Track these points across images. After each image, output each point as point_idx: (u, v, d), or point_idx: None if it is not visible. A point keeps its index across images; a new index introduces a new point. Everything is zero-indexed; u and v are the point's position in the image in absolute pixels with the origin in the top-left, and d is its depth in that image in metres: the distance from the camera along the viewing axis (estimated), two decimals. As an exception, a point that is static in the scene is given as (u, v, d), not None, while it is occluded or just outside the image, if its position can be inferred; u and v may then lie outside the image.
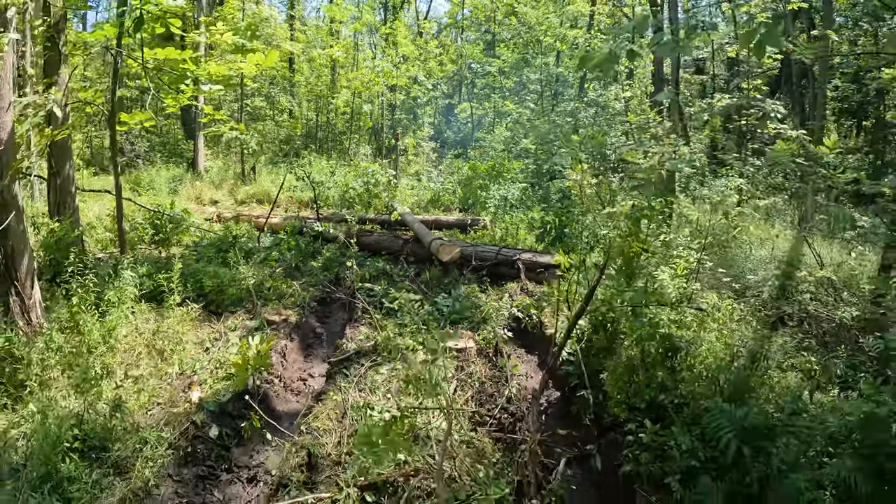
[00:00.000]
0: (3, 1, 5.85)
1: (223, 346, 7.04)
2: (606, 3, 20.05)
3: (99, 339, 6.46)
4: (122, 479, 4.71)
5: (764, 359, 6.06)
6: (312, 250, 11.17)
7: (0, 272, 6.62)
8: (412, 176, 20.01)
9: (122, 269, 7.91)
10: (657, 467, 4.59)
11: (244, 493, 5.04)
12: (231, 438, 5.54)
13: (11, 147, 6.51)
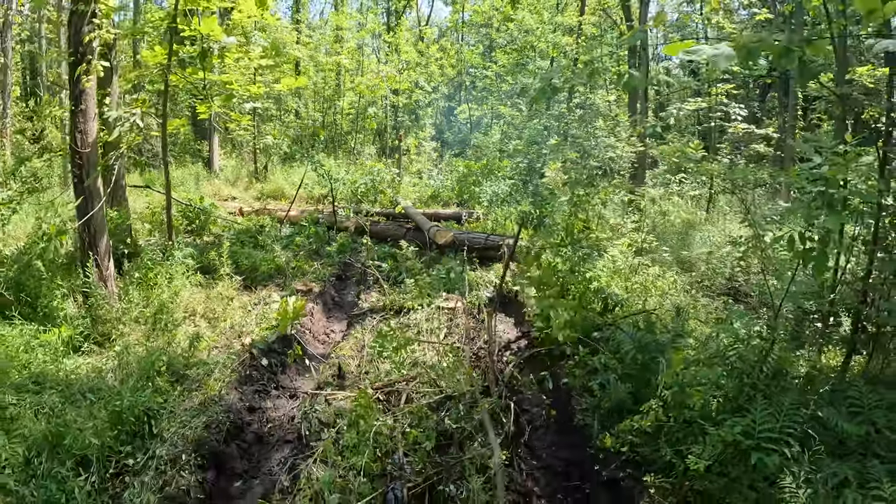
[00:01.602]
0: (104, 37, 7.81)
1: (262, 309, 9.04)
2: (594, 13, 21.95)
3: (166, 299, 8.42)
4: (199, 392, 6.66)
5: (686, 313, 8.00)
6: (328, 237, 13.20)
7: (84, 248, 8.56)
8: (414, 174, 22.05)
9: (174, 250, 9.89)
10: (586, 379, 6.56)
11: (288, 403, 7.03)
12: (277, 367, 7.55)
13: (95, 149, 8.46)
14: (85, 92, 7.93)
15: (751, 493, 4.47)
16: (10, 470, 4.72)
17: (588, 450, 5.84)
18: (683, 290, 9.32)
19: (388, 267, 11.07)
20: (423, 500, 4.99)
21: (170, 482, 5.13)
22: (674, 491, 4.92)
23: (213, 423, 6.01)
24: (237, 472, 5.76)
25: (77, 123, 8.00)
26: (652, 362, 6.03)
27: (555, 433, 6.35)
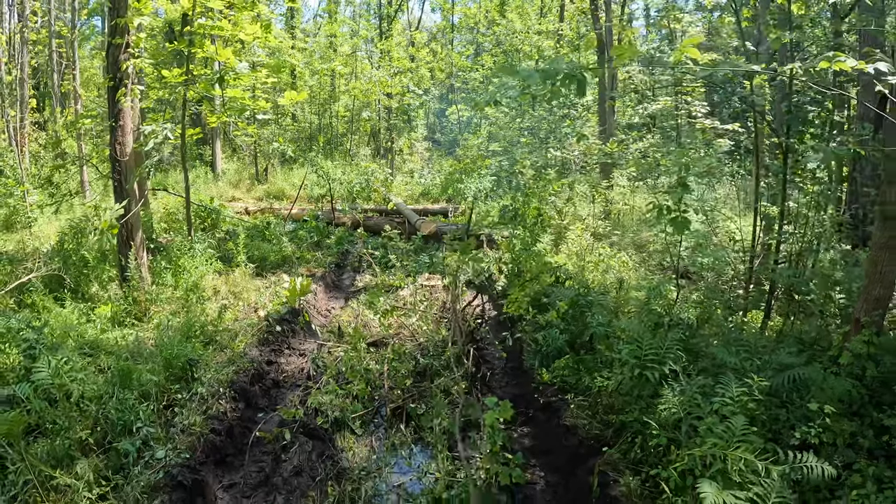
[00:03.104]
0: (138, 65, 9.69)
1: (273, 289, 10.93)
2: (574, 19, 23.86)
3: (193, 282, 10.29)
4: (227, 350, 8.52)
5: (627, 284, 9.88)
6: (327, 231, 15.12)
7: (123, 240, 10.41)
8: (406, 173, 23.98)
9: (195, 243, 11.76)
10: (534, 334, 8.44)
11: (298, 360, 8.90)
12: (288, 333, 9.44)
13: (132, 158, 10.32)
14: (122, 110, 9.80)
15: (640, 402, 6.32)
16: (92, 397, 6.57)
17: (532, 385, 7.73)
18: (633, 268, 11.21)
19: (380, 254, 12.99)
20: (401, 415, 6.87)
21: (210, 408, 6.98)
22: (589, 406, 6.81)
23: (240, 370, 7.87)
24: (260, 406, 7.63)
25: (116, 136, 9.86)
26: (582, 316, 7.90)
27: (508, 375, 8.26)
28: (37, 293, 9.42)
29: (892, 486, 4.70)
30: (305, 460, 6.19)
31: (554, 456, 6.68)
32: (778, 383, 5.80)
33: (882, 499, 4.61)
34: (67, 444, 5.84)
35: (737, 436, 4.81)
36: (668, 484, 5.10)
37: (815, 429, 5.10)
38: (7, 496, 5.32)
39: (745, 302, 9.24)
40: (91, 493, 5.42)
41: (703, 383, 5.76)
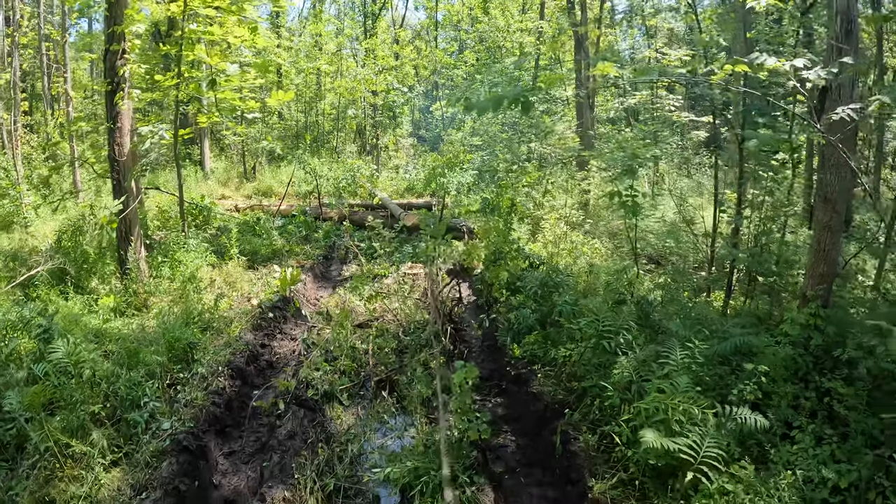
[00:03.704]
0: (134, 70, 10.34)
1: (265, 279, 11.61)
2: (554, 16, 24.60)
3: (189, 274, 10.95)
4: (224, 335, 9.20)
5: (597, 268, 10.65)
6: (315, 226, 15.81)
7: (122, 236, 11.05)
8: (391, 169, 24.67)
9: (188, 238, 12.41)
10: (508, 314, 9.18)
11: (290, 343, 9.59)
12: (280, 319, 10.13)
13: (131, 157, 10.96)
14: (120, 112, 10.44)
15: (599, 369, 7.07)
16: (102, 376, 7.24)
17: (505, 360, 8.48)
18: (605, 255, 11.97)
19: (366, 246, 13.71)
20: (385, 387, 7.59)
21: (210, 385, 7.67)
22: (554, 375, 7.56)
23: (236, 352, 8.56)
24: (256, 384, 8.32)
25: (115, 137, 10.51)
26: (550, 296, 8.65)
27: (484, 352, 9.02)
28: (42, 287, 10.07)
29: (830, 442, 5.39)
30: (298, 426, 6.91)
31: (523, 421, 7.43)
32: (722, 349, 6.54)
33: (819, 451, 5.32)
34: (82, 416, 6.50)
35: (679, 392, 5.56)
36: (621, 438, 5.85)
37: (751, 386, 5.85)
38: (29, 462, 5.98)
39: (707, 283, 10.02)
40: (105, 459, 6.09)
41: (652, 350, 6.51)
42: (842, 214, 7.46)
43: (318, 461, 6.19)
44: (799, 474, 5.07)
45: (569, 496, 6.02)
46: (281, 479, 6.02)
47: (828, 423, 5.71)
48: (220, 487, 6.47)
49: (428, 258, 10.14)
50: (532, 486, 6.41)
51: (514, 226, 10.60)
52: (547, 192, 13.90)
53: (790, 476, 5.03)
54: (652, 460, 5.30)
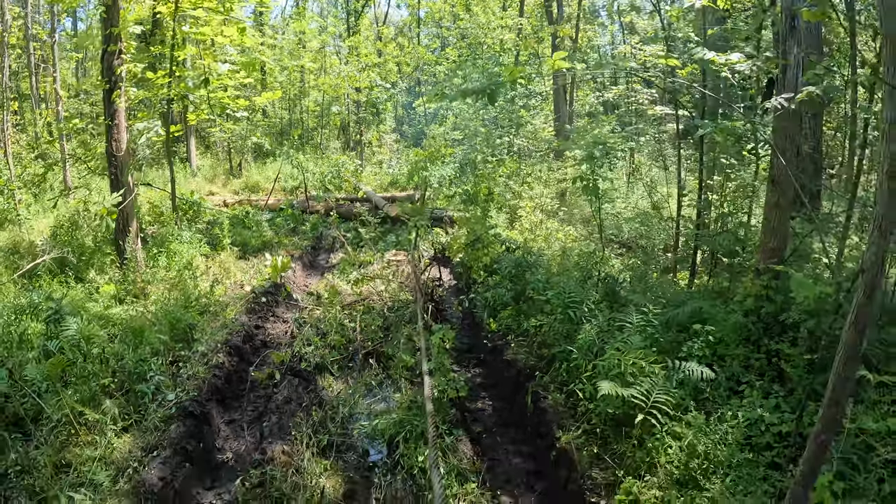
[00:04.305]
0: (131, 69, 10.96)
1: (257, 268, 12.28)
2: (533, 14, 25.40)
3: (185, 264, 11.59)
4: (220, 318, 9.87)
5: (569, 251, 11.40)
6: (302, 219, 16.49)
7: (120, 229, 11.66)
8: (375, 164, 25.37)
9: (181, 231, 13.05)
10: (485, 293, 9.92)
11: (282, 326, 10.28)
12: (272, 304, 10.81)
13: (127, 153, 11.58)
14: (117, 110, 11.06)
15: (567, 337, 7.81)
16: (111, 353, 7.89)
17: (483, 335, 9.22)
18: (579, 240, 12.74)
19: (352, 236, 14.42)
20: (371, 359, 8.31)
21: (210, 361, 8.34)
22: (526, 344, 8.31)
23: (233, 332, 9.24)
24: (252, 361, 9.01)
25: (112, 134, 11.11)
26: (524, 275, 9.40)
27: (464, 329, 9.78)
28: (44, 277, 10.67)
29: (776, 396, 6.12)
30: (293, 393, 7.60)
31: (499, 388, 8.18)
32: (675, 315, 7.31)
33: (766, 403, 6.04)
34: (94, 388, 7.15)
35: (632, 350, 6.31)
36: (584, 394, 6.59)
37: (699, 344, 6.60)
38: (47, 428, 6.61)
39: (673, 262, 10.81)
40: (116, 425, 6.74)
41: (614, 318, 7.27)
42: (789, 194, 8.23)
43: (312, 421, 6.88)
44: (745, 421, 5.77)
45: (539, 448, 6.77)
46: (279, 436, 6.71)
47: (777, 382, 6.43)
48: (223, 451, 7.15)
49: (411, 244, 10.84)
50: (507, 443, 7.15)
51: (492, 213, 11.37)
52: (525, 182, 14.64)
53: (735, 420, 5.75)
54: (611, 409, 6.04)
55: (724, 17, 11.50)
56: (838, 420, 3.65)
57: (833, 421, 3.63)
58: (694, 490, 5.06)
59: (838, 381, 3.46)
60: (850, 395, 3.60)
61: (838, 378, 3.46)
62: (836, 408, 3.56)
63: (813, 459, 3.82)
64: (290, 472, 5.93)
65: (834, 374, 3.50)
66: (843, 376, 3.43)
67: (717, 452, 5.29)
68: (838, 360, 3.43)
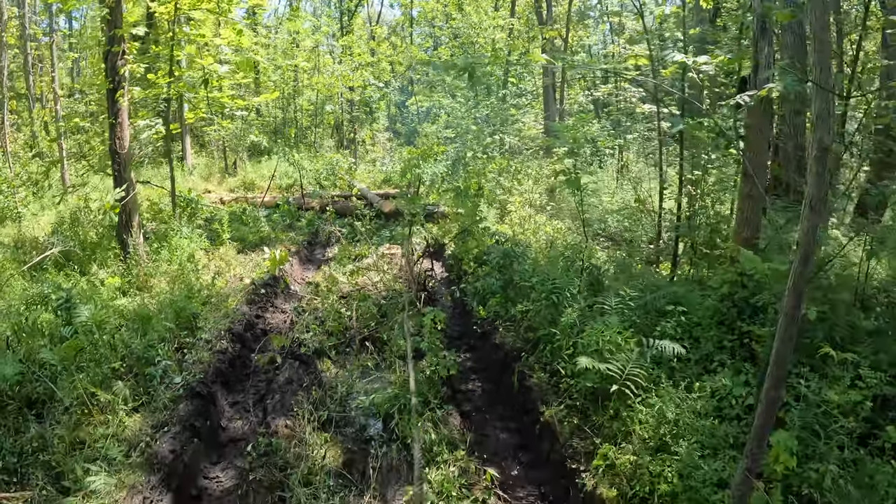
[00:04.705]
0: (134, 70, 11.41)
1: (256, 262, 12.76)
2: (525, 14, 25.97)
3: (186, 257, 12.05)
4: (222, 308, 10.34)
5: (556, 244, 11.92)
6: (298, 215, 16.98)
7: (123, 224, 12.10)
8: (369, 162, 25.87)
9: (181, 227, 13.50)
10: (475, 283, 10.43)
11: (281, 316, 10.77)
12: (271, 295, 11.31)
13: (129, 151, 12.03)
14: (121, 109, 11.51)
15: (551, 321, 8.32)
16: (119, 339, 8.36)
17: (473, 322, 9.74)
18: (566, 233, 13.26)
19: (347, 231, 14.93)
20: (367, 344, 8.81)
21: (214, 346, 8.82)
22: (513, 328, 8.82)
23: (235, 321, 9.72)
24: (253, 348, 9.49)
25: (116, 132, 11.56)
26: (511, 265, 9.92)
27: (455, 318, 10.31)
28: (50, 271, 11.13)
29: (746, 373, 6.61)
30: (294, 374, 8.10)
31: (489, 371, 8.71)
32: (652, 299, 7.84)
33: (737, 378, 6.53)
34: (105, 371, 7.61)
35: (610, 329, 6.83)
36: (566, 371, 7.10)
37: (672, 324, 7.13)
38: (61, 408, 7.06)
39: (656, 254, 11.34)
40: (126, 405, 7.20)
41: (593, 301, 7.79)
42: (761, 186, 8.76)
43: (312, 399, 7.38)
44: (714, 393, 6.28)
45: (525, 423, 7.29)
46: (282, 412, 7.21)
47: (749, 361, 6.93)
48: (227, 429, 7.64)
49: (404, 237, 11.34)
50: (495, 420, 7.68)
51: (482, 207, 11.89)
52: (515, 178, 15.18)
53: (704, 392, 6.26)
54: (590, 383, 6.56)
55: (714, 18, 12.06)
56: (784, 377, 4.15)
57: (779, 378, 4.14)
58: (665, 454, 5.57)
59: (781, 341, 3.97)
60: (793, 354, 4.07)
61: (781, 339, 3.97)
62: (782, 366, 4.07)
63: (764, 415, 4.33)
64: (293, 443, 6.43)
65: (778, 335, 4.01)
66: (785, 337, 3.94)
67: (686, 420, 5.79)
68: (780, 323, 3.94)
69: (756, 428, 4.39)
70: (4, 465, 6.08)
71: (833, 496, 4.82)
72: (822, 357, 6.04)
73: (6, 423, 6.64)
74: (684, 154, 10.82)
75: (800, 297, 3.79)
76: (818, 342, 6.17)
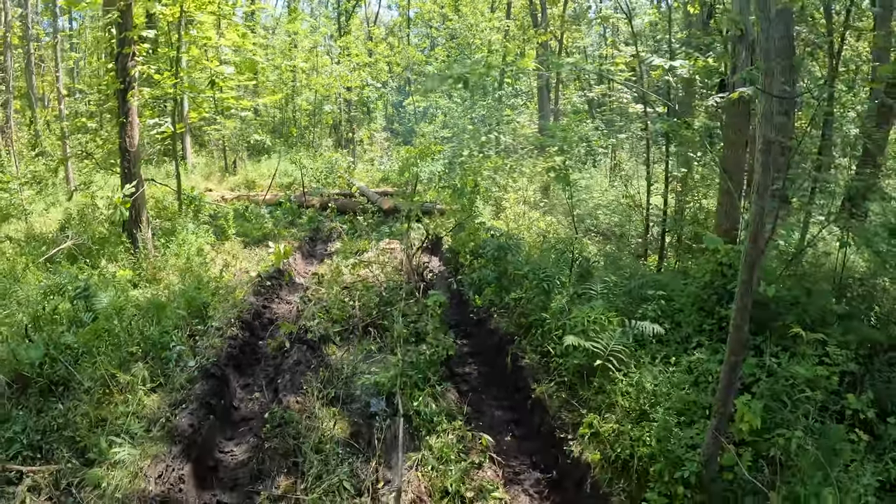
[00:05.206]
0: (143, 70, 12.00)
1: (260, 256, 13.36)
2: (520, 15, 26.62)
3: (194, 251, 12.63)
4: (230, 298, 10.92)
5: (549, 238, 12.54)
6: (300, 212, 17.60)
7: (132, 219, 12.67)
8: (367, 161, 26.49)
9: (187, 223, 14.09)
10: (471, 275, 11.04)
11: (287, 306, 11.37)
12: (276, 287, 11.91)
13: (138, 149, 12.62)
14: (131, 108, 12.11)
15: (542, 307, 8.94)
16: (135, 326, 8.94)
17: (469, 311, 10.37)
18: (558, 229, 13.90)
19: (348, 227, 15.56)
20: (370, 330, 9.41)
21: (225, 333, 9.41)
22: (507, 315, 9.44)
23: (243, 310, 10.32)
24: (261, 336, 10.09)
25: (126, 130, 12.15)
26: (505, 257, 10.54)
27: (453, 308, 10.94)
28: (62, 264, 11.69)
29: (722, 352, 7.16)
30: (302, 357, 8.70)
31: (484, 355, 9.34)
32: (636, 285, 8.47)
33: (714, 357, 7.11)
34: (124, 354, 8.19)
35: (595, 311, 7.45)
36: (555, 351, 7.72)
37: (653, 306, 7.75)
38: (81, 389, 7.61)
39: (644, 247, 11.98)
40: (145, 386, 7.77)
41: (580, 287, 8.42)
42: (739, 182, 9.39)
43: (320, 378, 7.98)
44: (689, 368, 6.89)
45: (517, 400, 7.92)
46: (292, 390, 7.80)
47: (726, 342, 7.54)
48: (240, 409, 8.24)
49: (404, 232, 11.95)
50: (490, 399, 8.30)
51: (478, 204, 12.53)
52: (510, 177, 15.81)
53: (682, 366, 6.87)
54: (576, 360, 7.18)
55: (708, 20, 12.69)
56: (742, 342, 4.76)
57: (739, 343, 4.76)
58: (645, 422, 6.18)
59: (738, 309, 4.59)
60: (748, 322, 4.62)
61: (738, 307, 4.59)
62: (740, 332, 4.69)
63: (727, 377, 4.95)
64: (303, 416, 7.03)
65: (735, 304, 4.63)
66: (741, 305, 4.56)
67: (664, 390, 6.41)
68: (737, 292, 4.56)
69: (721, 390, 5.00)
70: (29, 442, 6.52)
71: (798, 459, 5.39)
72: (793, 337, 6.63)
73: (28, 405, 7.12)
74: (671, 152, 11.46)
75: (752, 269, 4.40)
76: (791, 324, 6.77)
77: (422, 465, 6.21)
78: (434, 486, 5.91)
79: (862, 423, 5.74)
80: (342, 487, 5.97)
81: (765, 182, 4.18)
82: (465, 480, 5.95)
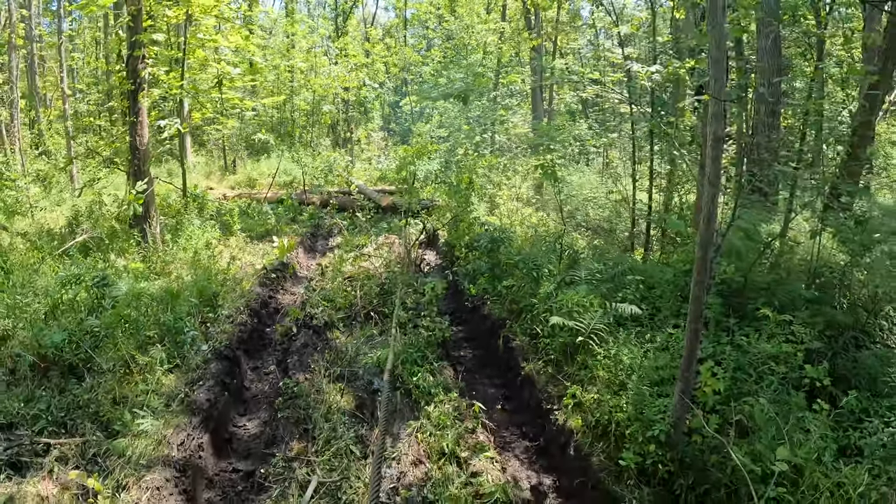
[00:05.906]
0: (154, 72, 12.72)
1: (265, 250, 14.10)
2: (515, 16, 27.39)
3: (201, 245, 13.35)
4: (237, 289, 11.65)
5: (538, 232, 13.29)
6: (300, 210, 18.36)
7: (144, 215, 13.36)
8: (364, 161, 27.27)
9: (193, 219, 14.81)
10: (466, 266, 11.79)
11: (291, 297, 12.10)
12: (281, 279, 12.65)
13: (148, 148, 13.34)
14: (141, 108, 12.82)
15: (532, 293, 9.68)
16: (151, 313, 9.65)
17: (464, 301, 11.13)
18: (549, 223, 14.65)
19: (348, 223, 16.31)
20: (371, 317, 10.16)
21: (234, 320, 10.14)
22: (500, 302, 10.19)
23: (250, 300, 11.05)
24: (269, 324, 10.83)
25: (136, 129, 12.87)
26: (498, 249, 11.29)
27: (448, 297, 11.67)
28: (76, 257, 12.39)
29: (705, 336, 7.94)
30: (309, 340, 9.46)
31: (478, 340, 10.11)
32: (619, 271, 9.23)
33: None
34: (142, 337, 8.89)
35: (578, 294, 8.21)
36: (543, 332, 8.47)
37: (631, 289, 8.50)
38: (104, 369, 8.30)
39: (630, 240, 12.73)
40: (163, 367, 8.48)
41: (567, 274, 9.19)
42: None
43: (326, 359, 8.72)
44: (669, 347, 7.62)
45: (508, 377, 8.68)
46: (301, 369, 8.55)
47: (703, 326, 8.25)
48: (251, 389, 8.97)
49: (402, 227, 12.72)
50: (483, 378, 9.06)
51: (473, 200, 13.32)
52: (504, 174, 16.60)
53: (657, 343, 7.61)
54: (562, 339, 7.93)
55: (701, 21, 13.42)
56: (701, 312, 5.50)
57: (697, 314, 5.50)
58: (622, 392, 6.93)
59: (695, 283, 5.34)
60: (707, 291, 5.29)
61: (695, 281, 5.34)
62: (698, 303, 5.43)
63: (690, 343, 5.68)
64: (312, 390, 7.77)
65: (693, 278, 5.38)
66: (698, 280, 5.31)
67: (638, 362, 7.16)
68: (694, 268, 5.31)
69: (685, 356, 5.74)
70: (54, 418, 7.11)
71: (761, 424, 6.10)
72: (762, 319, 7.36)
73: (50, 386, 7.76)
74: (654, 150, 12.22)
75: (706, 248, 5.16)
76: (760, 306, 7.49)
77: (420, 431, 6.95)
78: (432, 448, 6.65)
79: (828, 397, 6.36)
80: (349, 450, 6.70)
81: (715, 171, 4.94)
82: (460, 443, 6.68)
